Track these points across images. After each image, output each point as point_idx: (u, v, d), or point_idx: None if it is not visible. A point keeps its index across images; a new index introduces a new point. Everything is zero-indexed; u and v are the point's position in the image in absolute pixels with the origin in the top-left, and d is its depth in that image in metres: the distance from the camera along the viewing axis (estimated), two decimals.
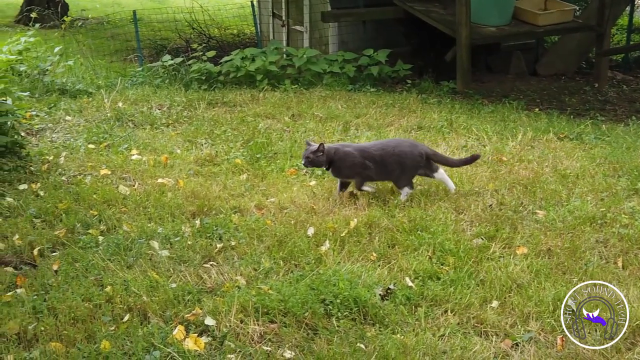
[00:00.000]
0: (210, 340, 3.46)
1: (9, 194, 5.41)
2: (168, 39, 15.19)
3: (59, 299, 3.78)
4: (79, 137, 7.18)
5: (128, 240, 4.60)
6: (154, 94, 9.07)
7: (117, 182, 5.75)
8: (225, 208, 5.14)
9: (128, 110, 8.10)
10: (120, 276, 4.08)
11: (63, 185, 5.66)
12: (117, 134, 7.22)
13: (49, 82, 9.30)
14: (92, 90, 9.34)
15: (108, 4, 22.85)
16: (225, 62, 10.19)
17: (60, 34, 12.09)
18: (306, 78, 9.87)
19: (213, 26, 15.54)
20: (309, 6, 11.74)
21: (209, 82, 9.83)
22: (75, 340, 3.42)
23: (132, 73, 10.59)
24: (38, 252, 4.48)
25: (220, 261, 4.35)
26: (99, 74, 10.55)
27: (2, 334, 3.46)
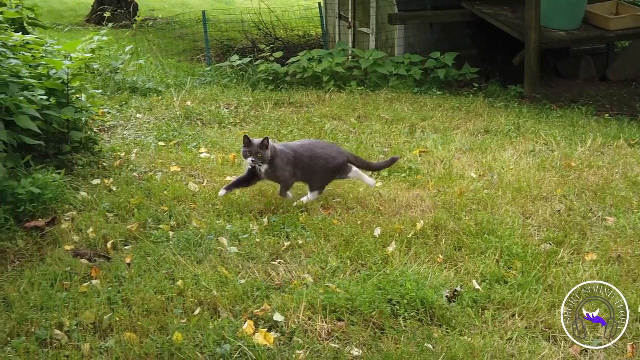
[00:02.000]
0: (279, 336, 3.52)
1: (83, 188, 5.56)
2: (234, 39, 15.39)
3: (132, 291, 3.88)
4: (149, 134, 7.33)
5: (198, 236, 4.69)
6: (221, 94, 9.21)
7: (187, 180, 5.86)
8: (292, 207, 5.20)
9: (197, 109, 8.24)
10: (190, 271, 4.17)
11: (135, 181, 5.79)
12: (186, 132, 7.35)
13: (121, 81, 9.51)
14: (162, 89, 9.52)
15: (176, 4, 23.26)
16: (292, 63, 10.28)
17: (132, 34, 12.36)
18: (372, 80, 9.89)
19: (279, 27, 15.67)
20: (376, 8, 11.76)
21: (275, 82, 9.93)
22: (148, 331, 3.51)
23: (201, 73, 10.76)
24: (111, 245, 4.60)
25: (287, 259, 4.40)
26: (169, 73, 10.74)
27: (79, 323, 3.57)
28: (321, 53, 10.46)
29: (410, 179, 5.90)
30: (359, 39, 12.70)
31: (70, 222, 4.93)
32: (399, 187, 5.70)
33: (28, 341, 3.40)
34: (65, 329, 3.53)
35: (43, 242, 4.64)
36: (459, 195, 5.42)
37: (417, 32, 11.33)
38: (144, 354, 3.32)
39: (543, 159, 6.42)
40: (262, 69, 10.13)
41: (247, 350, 3.35)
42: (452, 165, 6.22)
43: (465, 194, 5.44)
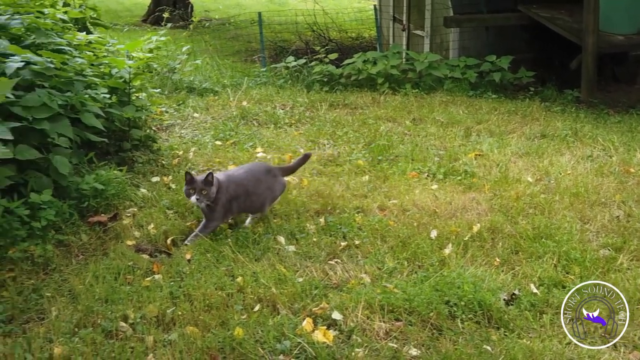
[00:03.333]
0: (338, 334, 3.56)
1: (143, 185, 5.68)
2: (288, 40, 15.50)
3: (193, 286, 3.96)
4: (206, 133, 7.44)
5: (255, 234, 4.76)
6: (277, 94, 9.30)
7: None
8: (349, 208, 5.24)
9: (252, 109, 8.34)
10: (249, 268, 4.24)
11: None
12: (243, 132, 7.45)
13: (178, 80, 9.66)
14: (218, 89, 9.64)
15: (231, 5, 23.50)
16: (346, 65, 10.32)
17: (188, 34, 12.52)
18: (427, 82, 9.88)
19: (332, 29, 15.73)
20: (431, 11, 11.74)
21: (330, 84, 9.98)
22: (210, 325, 3.58)
23: (256, 73, 10.87)
24: (171, 241, 4.70)
25: (344, 259, 4.44)
26: (224, 74, 10.87)
27: (143, 315, 3.66)
28: (376, 55, 10.49)
29: (465, 181, 5.90)
30: (413, 41, 12.69)
31: (131, 218, 5.05)
32: (454, 189, 5.70)
33: (94, 332, 3.50)
34: (129, 321, 3.62)
35: (105, 236, 4.75)
36: (515, 199, 5.40)
37: (472, 35, 11.28)
38: (206, 348, 3.39)
39: (601, 164, 6.36)
40: (316, 70, 10.19)
41: (306, 346, 3.40)
42: (507, 168, 6.19)
43: (522, 198, 5.43)
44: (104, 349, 3.37)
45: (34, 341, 3.41)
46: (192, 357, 3.33)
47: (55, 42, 5.91)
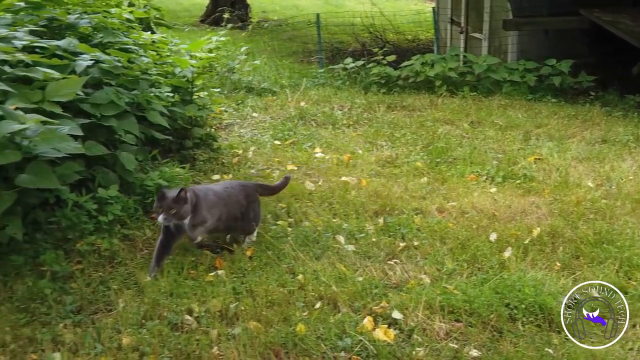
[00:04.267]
0: (398, 333, 3.59)
1: (205, 183, 5.78)
2: (344, 42, 15.55)
3: (255, 283, 4.03)
4: (265, 133, 7.54)
5: (315, 233, 4.81)
6: (334, 95, 9.36)
7: (303, 178, 6.01)
8: (407, 209, 5.26)
9: (310, 110, 8.41)
10: (310, 266, 4.29)
11: (253, 177, 5.99)
12: (301, 132, 7.52)
13: (237, 80, 9.79)
14: (276, 89, 9.74)
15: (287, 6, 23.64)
16: (404, 67, 10.33)
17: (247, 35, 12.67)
18: (485, 86, 9.84)
19: (389, 31, 15.73)
20: (490, 14, 11.68)
21: (387, 85, 10.00)
22: (272, 321, 3.64)
23: (314, 74, 10.94)
24: (232, 238, 4.78)
25: (403, 259, 4.47)
26: (282, 74, 10.97)
27: (208, 310, 3.74)
28: (434, 57, 10.48)
29: (525, 185, 5.87)
30: (470, 44, 12.63)
31: None
32: (513, 193, 5.68)
33: (161, 324, 3.59)
34: (194, 314, 3.70)
35: None
36: (576, 204, 5.36)
37: (531, 38, 11.18)
38: (269, 342, 3.46)
39: None
40: (374, 71, 10.23)
41: (367, 344, 3.44)
42: (568, 173, 6.14)
43: (582, 203, 5.38)
44: (171, 340, 3.45)
45: (103, 331, 3.52)
46: (256, 351, 3.40)
47: (122, 42, 6.04)
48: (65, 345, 3.40)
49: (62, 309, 3.73)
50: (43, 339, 3.44)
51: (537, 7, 11.19)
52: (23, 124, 3.95)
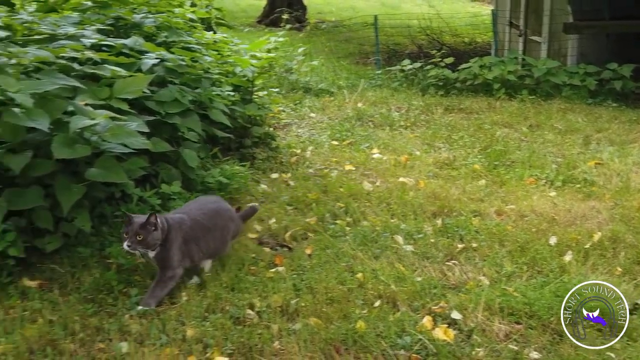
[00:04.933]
0: (457, 333, 3.60)
1: (264, 181, 5.87)
2: (400, 44, 15.54)
3: (315, 280, 4.08)
4: (322, 133, 7.60)
5: (373, 233, 4.85)
6: (391, 97, 9.38)
7: (361, 178, 6.05)
8: (465, 211, 5.26)
9: (368, 111, 8.45)
10: (368, 265, 4.32)
11: (311, 177, 6.05)
12: (359, 133, 7.56)
13: (294, 80, 9.87)
14: (333, 90, 9.80)
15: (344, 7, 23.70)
16: (462, 69, 10.29)
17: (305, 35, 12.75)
18: (544, 89, 9.74)
19: (446, 33, 15.68)
20: (550, 17, 11.56)
21: (445, 88, 9.98)
22: (332, 318, 3.68)
23: (371, 75, 10.97)
24: (291, 236, 4.84)
25: (462, 260, 4.47)
26: (339, 75, 11.02)
27: (268, 305, 3.80)
28: (493, 60, 10.43)
29: (585, 190, 5.81)
30: (529, 47, 12.52)
31: None
32: (573, 197, 5.64)
33: (223, 317, 3.66)
34: (256, 309, 3.76)
35: None
36: (638, 209, 5.29)
37: (591, 42, 11.04)
38: (329, 338, 3.50)
39: None
40: (432, 73, 10.22)
41: (427, 343, 3.46)
42: (629, 178, 6.06)
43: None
44: (233, 333, 3.52)
45: (167, 323, 3.60)
46: (316, 347, 3.44)
47: (185, 41, 6.15)
48: (132, 335, 3.49)
49: (127, 301, 3.82)
50: (110, 329, 3.53)
51: (598, 10, 11.05)
52: (93, 119, 4.06)
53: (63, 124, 4.08)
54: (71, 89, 4.39)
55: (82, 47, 4.85)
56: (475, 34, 16.86)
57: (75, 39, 5.13)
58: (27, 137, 4.12)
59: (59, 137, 3.98)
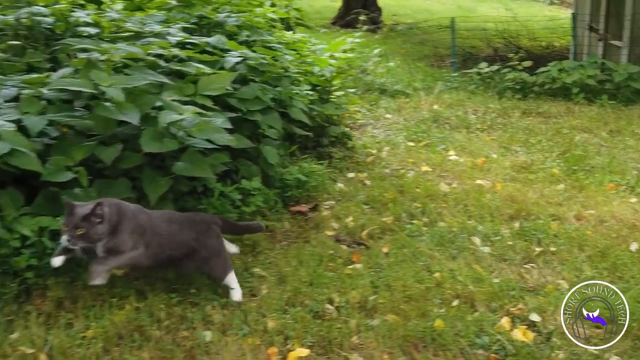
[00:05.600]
0: (536, 335, 3.59)
1: (340, 180, 5.93)
2: (475, 47, 15.40)
3: (392, 278, 4.11)
4: (398, 134, 7.62)
5: (450, 233, 4.86)
6: (468, 99, 9.34)
7: (437, 180, 6.06)
8: (543, 215, 5.22)
9: (444, 113, 8.44)
10: (445, 265, 4.34)
11: (387, 177, 6.08)
12: (435, 135, 7.56)
13: (370, 81, 9.91)
14: (409, 92, 9.80)
15: (418, 9, 23.60)
16: (540, 73, 10.16)
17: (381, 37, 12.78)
18: (625, 94, 9.54)
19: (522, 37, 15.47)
20: (631, 21, 11.31)
21: (523, 91, 9.87)
22: (410, 315, 3.72)
23: (447, 78, 10.93)
24: (367, 234, 4.88)
25: (540, 264, 4.44)
26: (415, 77, 11.00)
27: (347, 300, 3.85)
28: (571, 64, 10.26)
29: None
30: (609, 52, 12.26)
31: (330, 210, 5.28)
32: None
33: (303, 311, 3.72)
34: (334, 304, 3.82)
35: (306, 225, 5.01)
36: None
37: None
38: (407, 335, 3.53)
39: None
40: (509, 77, 10.11)
41: (506, 343, 3.46)
42: None
43: None
44: (313, 327, 3.58)
45: (248, 314, 3.68)
46: (394, 343, 3.48)
47: (266, 40, 6.25)
48: (215, 325, 3.58)
49: (209, 292, 3.91)
50: (194, 318, 3.63)
51: None
52: (181, 114, 4.18)
53: (151, 119, 4.21)
54: (158, 85, 4.52)
55: (168, 45, 4.99)
56: (552, 37, 16.57)
57: (161, 37, 5.27)
58: (116, 131, 4.26)
59: (147, 131, 4.11)
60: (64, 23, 5.53)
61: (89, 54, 4.45)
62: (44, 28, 5.48)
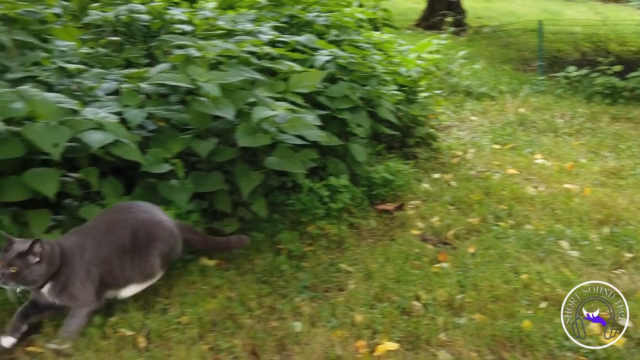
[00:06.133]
0: (627, 340, 3.54)
1: (426, 180, 5.94)
2: (562, 50, 15.15)
3: (479, 278, 4.11)
4: (483, 136, 7.58)
5: (537, 236, 4.82)
6: (555, 103, 9.22)
7: (523, 183, 6.01)
8: (634, 221, 5.12)
9: (530, 117, 8.35)
10: (533, 267, 4.31)
11: (472, 178, 6.06)
12: (521, 138, 7.50)
13: (455, 83, 9.88)
14: (494, 94, 9.72)
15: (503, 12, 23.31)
16: (631, 77, 9.94)
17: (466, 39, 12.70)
18: None
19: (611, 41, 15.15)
20: None
21: (612, 96, 9.68)
22: (497, 315, 3.71)
23: (533, 81, 10.80)
24: (453, 234, 4.88)
25: (631, 270, 4.37)
26: (500, 80, 10.91)
27: (434, 298, 3.87)
28: None
29: None
30: None
31: (415, 209, 5.30)
32: None
33: (390, 307, 3.76)
34: (421, 301, 3.85)
35: (392, 224, 5.04)
36: None
37: None
38: (494, 335, 3.53)
39: None
40: (598, 81, 9.93)
41: (595, 347, 3.43)
42: None
43: None
44: (400, 322, 3.61)
45: (337, 307, 3.74)
46: (482, 341, 3.48)
47: (354, 39, 6.31)
48: (304, 316, 3.65)
49: (297, 284, 3.99)
50: (283, 309, 3.72)
51: None
52: (274, 110, 4.27)
53: (245, 114, 4.32)
54: (250, 81, 4.62)
55: (261, 43, 5.10)
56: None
57: (253, 35, 5.39)
58: (210, 125, 4.39)
59: (242, 126, 4.21)
60: (159, 20, 5.72)
61: (186, 50, 4.58)
62: (141, 25, 5.67)
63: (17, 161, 3.63)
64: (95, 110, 3.94)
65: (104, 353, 3.27)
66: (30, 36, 4.62)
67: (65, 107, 3.76)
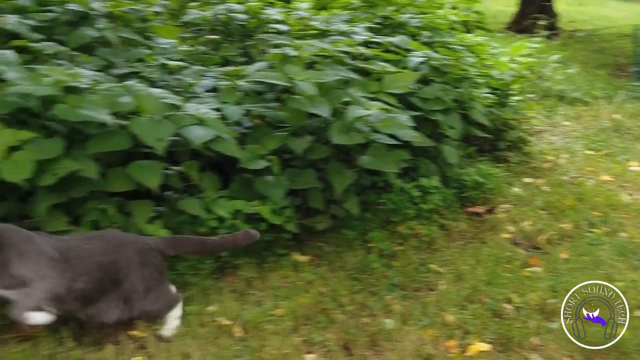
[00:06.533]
0: None
1: (516, 184, 5.88)
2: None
3: (573, 284, 4.04)
4: (576, 142, 7.44)
5: (632, 244, 4.73)
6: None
7: (618, 190, 5.89)
8: None
9: (626, 123, 8.17)
10: (628, 275, 4.24)
11: (565, 184, 5.97)
12: (615, 144, 7.34)
13: (547, 87, 9.72)
14: (588, 100, 9.53)
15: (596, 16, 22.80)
16: None
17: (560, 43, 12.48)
18: None
19: None
20: None
21: None
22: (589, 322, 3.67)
23: (629, 87, 10.53)
24: (545, 239, 4.82)
25: None
26: (595, 85, 10.67)
27: (526, 302, 3.85)
28: None
29: None
30: None
31: (506, 213, 5.26)
32: None
33: (481, 308, 3.76)
34: (513, 304, 3.83)
35: (482, 227, 5.01)
36: None
37: None
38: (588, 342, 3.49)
39: None
40: None
41: None
42: None
43: None
44: (491, 324, 3.61)
45: (428, 307, 3.77)
46: (575, 347, 3.45)
47: (447, 41, 6.30)
48: (395, 314, 3.68)
49: (387, 283, 4.03)
50: (374, 306, 3.76)
51: None
52: (368, 110, 4.32)
53: (339, 113, 4.37)
54: (344, 80, 4.67)
55: (355, 43, 5.15)
56: None
57: (346, 36, 5.45)
58: (305, 123, 4.46)
59: (336, 124, 4.27)
60: (256, 20, 5.84)
61: (282, 49, 4.67)
62: (238, 24, 5.80)
63: (122, 153, 3.77)
64: (196, 106, 4.05)
65: (202, 340, 3.38)
66: (134, 34, 4.79)
67: (169, 102, 3.88)
